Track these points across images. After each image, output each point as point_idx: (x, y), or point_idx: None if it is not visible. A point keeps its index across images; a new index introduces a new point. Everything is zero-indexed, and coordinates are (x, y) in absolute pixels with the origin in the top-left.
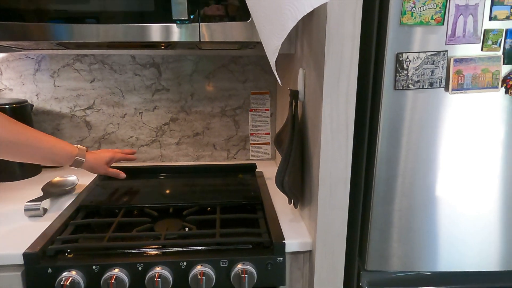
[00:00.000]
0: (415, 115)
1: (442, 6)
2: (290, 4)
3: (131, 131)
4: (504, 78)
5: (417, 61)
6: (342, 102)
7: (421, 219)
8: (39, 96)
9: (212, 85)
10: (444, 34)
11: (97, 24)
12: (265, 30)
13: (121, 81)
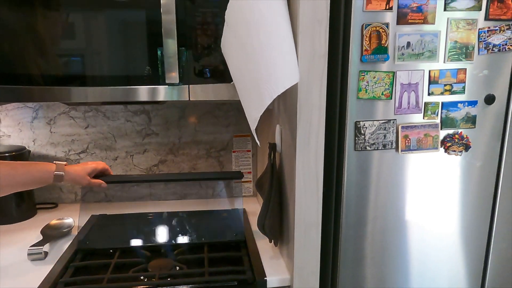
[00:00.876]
0: (373, 169)
1: (390, 84)
2: (266, 84)
3: (122, 173)
4: (442, 140)
5: (372, 127)
6: (313, 158)
7: (385, 272)
8: (36, 141)
9: (198, 129)
10: (393, 106)
11: (99, 87)
12: (246, 101)
13: (114, 127)
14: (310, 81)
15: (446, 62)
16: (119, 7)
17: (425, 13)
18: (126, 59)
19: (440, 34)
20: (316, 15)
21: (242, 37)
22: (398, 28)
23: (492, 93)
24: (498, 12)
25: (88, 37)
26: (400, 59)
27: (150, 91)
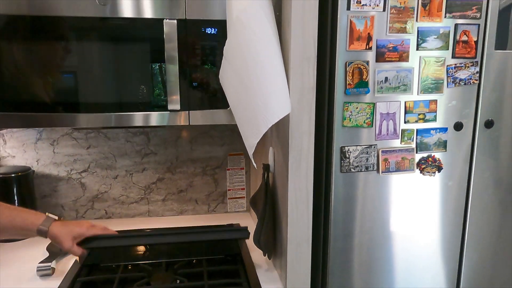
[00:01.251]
0: (357, 189)
1: (370, 114)
2: (262, 114)
3: (122, 190)
4: (417, 163)
5: (356, 152)
6: (303, 179)
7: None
8: (39, 161)
9: (195, 148)
10: (374, 133)
11: (103, 113)
12: (243, 129)
13: (114, 147)
14: (300, 111)
15: (419, 94)
16: (124, 38)
17: (400, 52)
18: (131, 87)
19: (413, 70)
20: (305, 53)
21: (240, 72)
22: (377, 65)
23: (460, 121)
24: (463, 51)
25: (92, 66)
26: (379, 92)
27: (154, 117)
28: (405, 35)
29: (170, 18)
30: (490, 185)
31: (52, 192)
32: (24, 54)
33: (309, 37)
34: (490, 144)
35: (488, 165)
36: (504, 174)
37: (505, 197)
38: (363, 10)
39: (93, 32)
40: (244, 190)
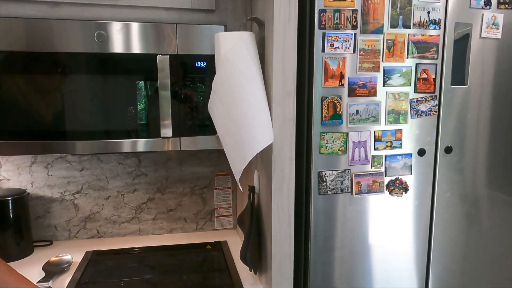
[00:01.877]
0: (334, 209)
1: (344, 142)
2: (248, 144)
3: (113, 210)
4: (386, 185)
5: (332, 176)
6: (285, 201)
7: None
8: (34, 184)
9: (184, 170)
10: (347, 159)
11: (96, 140)
12: (231, 156)
13: (107, 169)
14: (282, 139)
15: (387, 124)
16: (119, 71)
17: (369, 88)
18: (126, 116)
19: (381, 104)
20: (286, 89)
21: (227, 104)
22: (349, 100)
23: (423, 147)
24: (424, 87)
25: (87, 97)
26: (351, 123)
27: (149, 143)
28: (373, 74)
29: (163, 54)
30: (454, 201)
31: (45, 213)
32: (22, 87)
33: (289, 75)
34: (450, 167)
35: (449, 186)
36: (469, 190)
37: (470, 210)
38: (336, 52)
39: (89, 65)
40: (231, 208)
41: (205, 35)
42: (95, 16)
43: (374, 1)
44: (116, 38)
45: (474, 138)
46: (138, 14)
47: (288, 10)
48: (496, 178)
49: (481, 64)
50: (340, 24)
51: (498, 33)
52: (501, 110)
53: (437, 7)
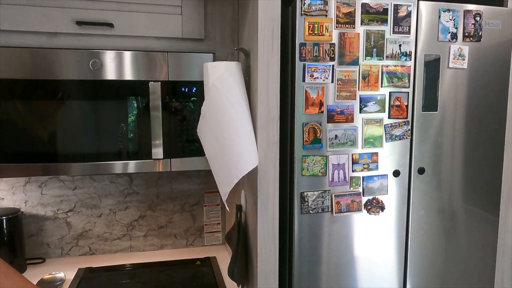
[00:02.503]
0: (316, 228)
1: (324, 165)
2: (234, 167)
3: (105, 228)
4: (364, 204)
5: (313, 196)
6: (270, 220)
7: None
8: (27, 203)
9: (174, 187)
10: (327, 180)
11: (92, 162)
12: (218, 178)
13: (99, 188)
14: (267, 162)
15: (364, 148)
16: (113, 97)
17: (347, 115)
18: (120, 139)
19: (358, 129)
20: (270, 115)
21: (215, 130)
22: (328, 125)
23: (398, 169)
24: (397, 114)
25: (82, 121)
26: (331, 147)
27: (140, 164)
28: (350, 101)
29: (154, 80)
30: (428, 219)
31: (38, 231)
32: (20, 113)
33: (273, 102)
34: (423, 187)
35: (422, 204)
36: (445, 207)
37: (448, 224)
38: (316, 82)
39: (84, 91)
40: (220, 225)
41: (195, 62)
42: (90, 45)
43: (350, 36)
44: (110, 66)
45: (446, 159)
46: (131, 43)
47: (271, 43)
48: (471, 194)
49: (450, 92)
50: (319, 56)
51: (464, 63)
52: (470, 132)
53: (407, 40)
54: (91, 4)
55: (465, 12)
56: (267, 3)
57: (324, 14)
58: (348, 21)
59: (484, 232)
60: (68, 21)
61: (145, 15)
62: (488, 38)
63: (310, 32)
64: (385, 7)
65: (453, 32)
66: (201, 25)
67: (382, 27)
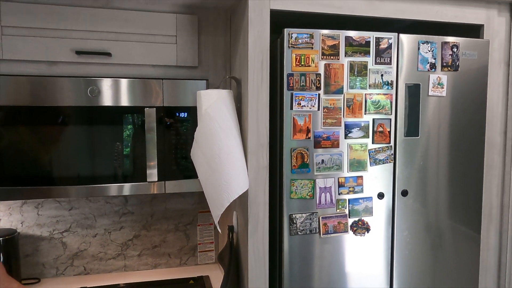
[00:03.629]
0: (305, 248)
1: (312, 188)
2: (225, 191)
3: (100, 248)
4: (350, 226)
5: (301, 218)
6: (260, 241)
7: None
8: (24, 223)
9: (168, 207)
10: (315, 203)
11: (88, 185)
12: (210, 201)
13: (94, 208)
14: (257, 186)
15: (349, 172)
16: (110, 122)
17: (333, 140)
18: (113, 161)
19: (343, 154)
20: (260, 141)
21: (207, 154)
22: (315, 151)
23: (382, 191)
24: (380, 139)
25: (80, 145)
26: (318, 171)
27: (135, 187)
28: (336, 128)
29: (150, 106)
30: (412, 239)
31: (34, 252)
32: (19, 138)
33: (262, 129)
34: (406, 208)
35: (406, 225)
36: (428, 225)
37: (432, 242)
38: (303, 110)
39: (82, 117)
40: (213, 244)
41: (189, 88)
42: (88, 73)
43: (334, 66)
44: (107, 92)
45: (428, 182)
46: (128, 71)
47: (261, 73)
48: (453, 216)
49: (431, 118)
50: (306, 86)
51: (443, 91)
52: (450, 155)
53: (389, 70)
54: (90, 34)
55: (442, 44)
56: (257, 36)
57: (310, 47)
58: (333, 53)
59: (468, 249)
60: (68, 50)
61: (141, 44)
62: (465, 68)
63: (297, 64)
64: (367, 40)
65: (432, 62)
66: (195, 53)
67: (365, 58)
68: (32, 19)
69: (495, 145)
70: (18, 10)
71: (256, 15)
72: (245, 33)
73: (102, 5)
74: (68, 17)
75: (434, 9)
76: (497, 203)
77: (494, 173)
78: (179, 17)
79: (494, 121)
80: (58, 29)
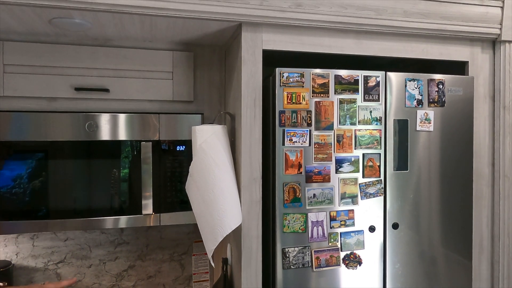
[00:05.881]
0: (297, 281)
1: (304, 222)
2: (219, 226)
3: (95, 279)
4: (342, 259)
5: (294, 252)
6: (253, 274)
7: None
8: (18, 255)
9: (163, 237)
10: (307, 237)
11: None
12: (204, 235)
13: (90, 239)
14: (250, 220)
15: (340, 205)
16: (106, 156)
17: (324, 175)
18: (109, 194)
19: (334, 188)
20: (253, 176)
21: (202, 189)
22: (307, 185)
23: (373, 225)
24: (370, 173)
25: (76, 179)
26: (310, 205)
27: (131, 220)
28: (326, 163)
29: (146, 140)
30: (403, 272)
31: (28, 283)
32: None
33: (255, 164)
34: (397, 241)
35: (397, 258)
36: (425, 250)
37: (427, 270)
38: (294, 145)
39: (79, 151)
40: (208, 274)
41: (184, 122)
42: (87, 108)
43: (324, 104)
44: (104, 127)
45: (418, 214)
46: (125, 105)
47: (253, 110)
48: (444, 249)
49: (419, 152)
50: (297, 122)
51: (430, 126)
52: (440, 188)
53: (377, 107)
54: (89, 71)
55: (429, 81)
56: (250, 75)
57: (301, 85)
58: (323, 90)
59: (462, 278)
60: (67, 87)
61: (138, 80)
62: (451, 103)
63: (289, 101)
64: (356, 78)
65: (419, 98)
66: (190, 88)
67: (354, 96)
68: (33, 58)
69: (483, 176)
70: (20, 49)
71: (249, 55)
72: (238, 71)
73: (101, 43)
74: (68, 54)
75: (420, 47)
76: (487, 234)
77: (484, 204)
78: (176, 54)
79: (481, 153)
80: (58, 67)
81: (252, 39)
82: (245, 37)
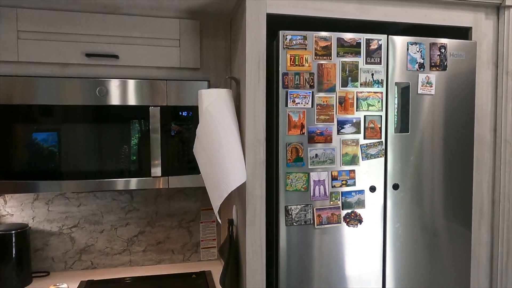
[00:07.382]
0: (300, 237)
1: (306, 180)
2: (224, 183)
3: (107, 243)
4: (343, 217)
5: (296, 209)
6: (257, 232)
7: None
8: (35, 219)
9: (172, 205)
10: (309, 195)
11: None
12: (210, 193)
13: (102, 205)
14: (254, 180)
15: (342, 166)
16: (117, 120)
17: (326, 136)
18: (120, 157)
19: (336, 149)
20: (257, 137)
21: (207, 150)
22: (309, 145)
23: (374, 185)
24: (371, 135)
25: (89, 142)
26: (312, 165)
27: (140, 182)
28: (329, 124)
29: (155, 105)
30: (404, 231)
31: (44, 246)
32: (27, 135)
33: (259, 126)
34: (397, 201)
35: (397, 218)
36: (421, 218)
37: (424, 235)
38: (297, 107)
39: (91, 115)
40: (215, 240)
41: (191, 89)
42: (97, 74)
43: (327, 66)
44: (114, 92)
45: (417, 176)
46: (134, 72)
47: (257, 73)
48: (444, 208)
49: (420, 115)
50: (300, 84)
51: (432, 90)
52: (439, 151)
53: (379, 70)
54: (99, 38)
55: (431, 45)
56: (254, 39)
57: (303, 48)
58: (325, 53)
59: (461, 243)
60: (79, 53)
61: (147, 47)
62: (453, 67)
63: (292, 63)
64: (358, 41)
65: (421, 62)
66: (197, 56)
67: (356, 59)
68: (46, 24)
69: (485, 142)
70: (33, 16)
71: (253, 19)
72: (243, 36)
73: (110, 11)
74: (79, 22)
75: (422, 13)
76: (488, 199)
77: (485, 169)
78: (182, 22)
79: (483, 119)
80: (69, 33)
81: (256, 3)
82: (249, 0)
